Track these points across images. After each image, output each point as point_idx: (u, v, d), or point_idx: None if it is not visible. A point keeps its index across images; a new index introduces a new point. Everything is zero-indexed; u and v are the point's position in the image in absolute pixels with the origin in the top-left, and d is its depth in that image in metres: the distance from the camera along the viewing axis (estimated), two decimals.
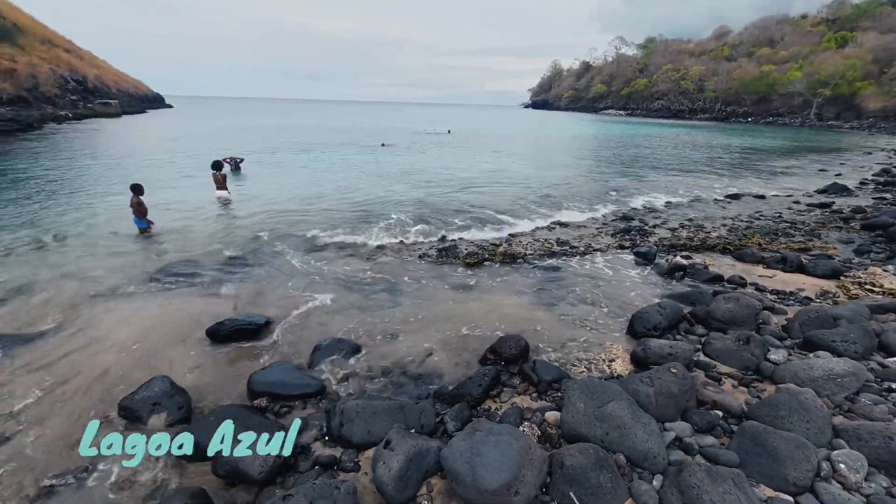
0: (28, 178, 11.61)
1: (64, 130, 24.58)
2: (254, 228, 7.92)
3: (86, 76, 41.66)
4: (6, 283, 5.37)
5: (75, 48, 46.70)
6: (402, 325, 4.67)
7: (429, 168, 16.17)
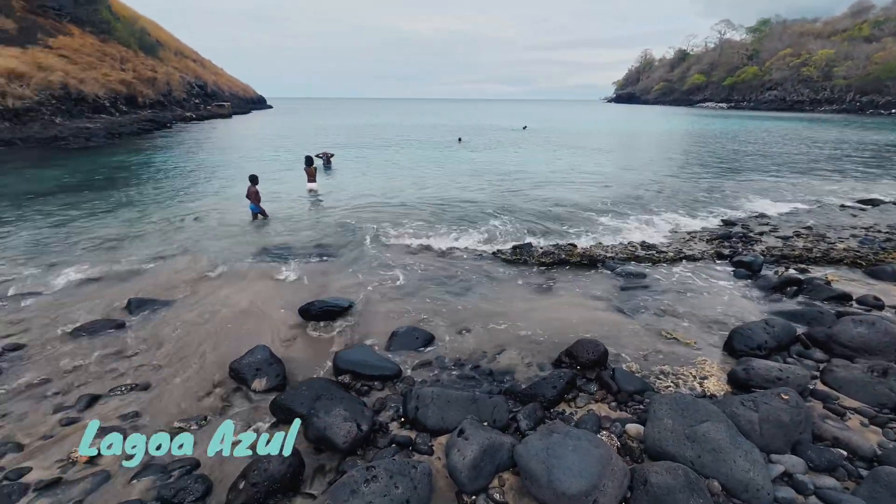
0: (163, 169, 13.78)
1: (188, 129, 28.67)
2: (339, 219, 8.53)
3: (206, 82, 48.11)
4: (147, 256, 6.45)
5: (200, 58, 54.10)
6: (474, 321, 4.71)
7: (504, 164, 16.01)
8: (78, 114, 23.18)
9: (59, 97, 22.52)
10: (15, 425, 3.11)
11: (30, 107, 20.75)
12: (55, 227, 7.58)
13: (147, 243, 7.01)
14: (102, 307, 4.85)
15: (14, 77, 20.71)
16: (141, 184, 11.63)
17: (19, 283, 5.44)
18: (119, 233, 7.44)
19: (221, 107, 44.74)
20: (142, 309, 4.80)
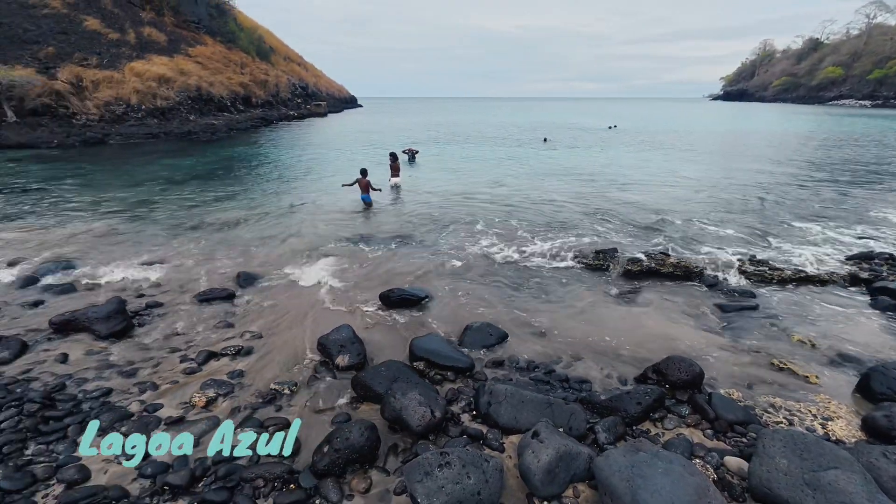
0: (272, 161, 15.48)
1: (290, 126, 31.79)
2: (420, 213, 8.81)
3: (308, 84, 52.87)
4: (256, 237, 7.28)
5: (303, 61, 59.60)
6: (550, 324, 4.56)
7: (588, 165, 15.22)
8: (206, 112, 26.99)
9: (194, 98, 26.43)
10: (152, 369, 3.73)
11: (172, 106, 24.67)
12: (188, 209, 8.91)
13: (257, 226, 7.91)
14: (219, 278, 5.59)
15: (163, 81, 24.78)
16: (255, 173, 13.18)
17: (161, 252, 6.50)
18: (235, 215, 8.50)
19: (318, 106, 48.83)
20: (249, 282, 5.44)
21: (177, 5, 32.44)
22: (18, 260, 5.92)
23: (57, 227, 7.56)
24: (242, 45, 37.81)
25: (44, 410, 3.05)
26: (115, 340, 4.12)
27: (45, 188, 10.52)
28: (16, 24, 22.24)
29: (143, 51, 26.08)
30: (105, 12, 26.66)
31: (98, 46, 24.12)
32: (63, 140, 18.19)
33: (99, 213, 8.47)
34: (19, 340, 3.95)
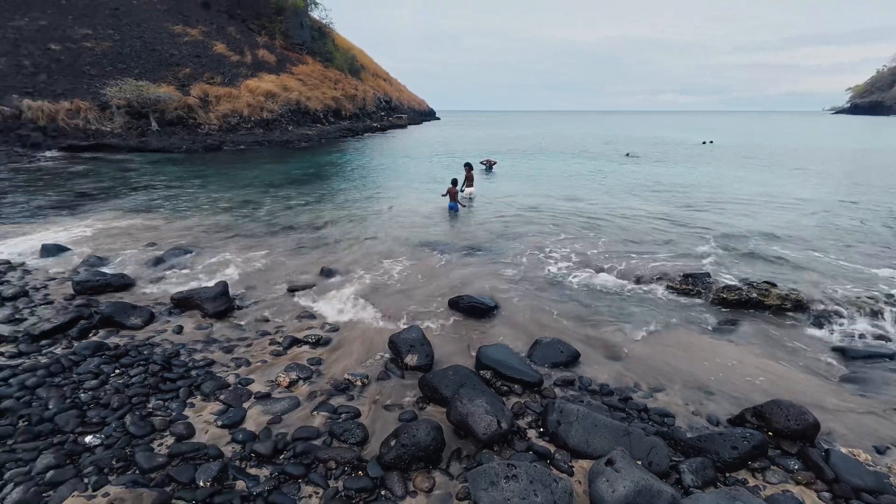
0: (359, 167, 16.64)
1: (374, 137, 33.91)
2: (493, 224, 8.81)
3: (391, 97, 56.13)
4: (341, 235, 7.84)
5: (389, 77, 63.46)
6: (627, 348, 4.24)
7: (677, 181, 14.04)
8: (303, 123, 29.91)
9: (293, 110, 29.47)
10: (246, 347, 4.17)
11: (275, 118, 27.75)
12: (283, 209, 9.90)
13: (341, 227, 8.51)
14: (305, 272, 6.11)
15: (270, 96, 28.03)
16: (341, 178, 14.28)
17: (260, 246, 7.29)
18: (323, 216, 9.25)
19: (400, 118, 51.55)
20: (331, 276, 5.86)
21: (286, 30, 36.60)
22: (152, 244, 7.03)
23: (182, 218, 8.86)
24: (337, 63, 41.37)
25: (163, 372, 3.56)
26: (218, 319, 4.68)
27: (175, 185, 12.42)
28: (164, 50, 26.79)
29: (257, 70, 29.77)
30: (230, 38, 31.01)
31: (223, 67, 28.07)
32: (189, 146, 21.37)
33: (214, 209, 9.76)
34: (148, 311, 4.67)
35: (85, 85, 22.23)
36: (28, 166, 15.18)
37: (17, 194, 10.65)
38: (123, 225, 8.21)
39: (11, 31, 23.55)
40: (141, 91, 21.91)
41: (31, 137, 18.91)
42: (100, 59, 24.23)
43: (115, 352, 3.85)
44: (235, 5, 34.61)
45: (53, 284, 5.40)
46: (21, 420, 2.85)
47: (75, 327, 4.22)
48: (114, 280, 5.38)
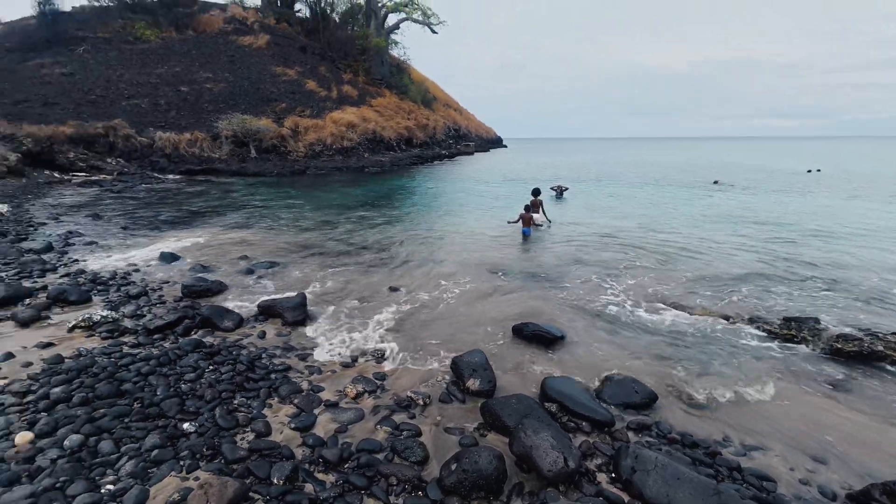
0: (428, 192, 17.33)
1: (442, 164, 35.16)
2: (562, 251, 8.56)
3: (460, 126, 58.12)
4: (412, 259, 8.14)
5: (458, 106, 65.97)
6: (715, 395, 3.80)
7: (776, 212, 12.58)
8: (377, 150, 32.06)
9: (370, 139, 31.76)
10: (317, 358, 4.43)
11: (353, 146, 30.10)
12: (358, 230, 10.57)
13: (410, 248, 8.84)
14: (374, 288, 6.40)
15: (350, 127, 30.58)
16: (411, 202, 14.96)
17: (336, 263, 7.81)
18: (394, 238, 9.71)
19: (467, 146, 53.00)
20: (398, 295, 6.07)
21: (368, 68, 40.07)
22: (245, 256, 7.87)
23: (270, 235, 9.84)
24: (412, 95, 44.09)
25: (248, 372, 3.91)
26: (296, 327, 5.05)
27: (266, 205, 13.89)
28: (266, 88, 30.68)
29: (341, 103, 32.76)
30: (320, 76, 34.68)
31: (312, 101, 31.34)
32: (280, 171, 23.89)
33: (297, 227, 10.71)
34: (239, 315, 5.18)
35: (203, 119, 26.09)
36: (155, 186, 18.02)
37: (146, 210, 12.65)
38: (224, 239, 9.32)
39: (154, 77, 28.65)
40: (245, 123, 25.20)
41: (160, 163, 22.51)
42: (216, 97, 28.40)
43: (210, 350, 4.31)
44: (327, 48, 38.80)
45: (167, 287, 6.25)
46: (136, 402, 3.29)
47: (181, 325, 4.82)
48: (213, 286, 6.09)
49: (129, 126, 23.17)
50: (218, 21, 36.22)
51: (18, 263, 6.74)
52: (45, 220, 10.42)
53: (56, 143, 19.53)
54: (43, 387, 3.42)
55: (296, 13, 42.38)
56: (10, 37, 29.69)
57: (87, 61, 28.57)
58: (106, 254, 7.81)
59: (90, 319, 4.72)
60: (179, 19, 34.04)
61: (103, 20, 32.34)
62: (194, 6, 35.87)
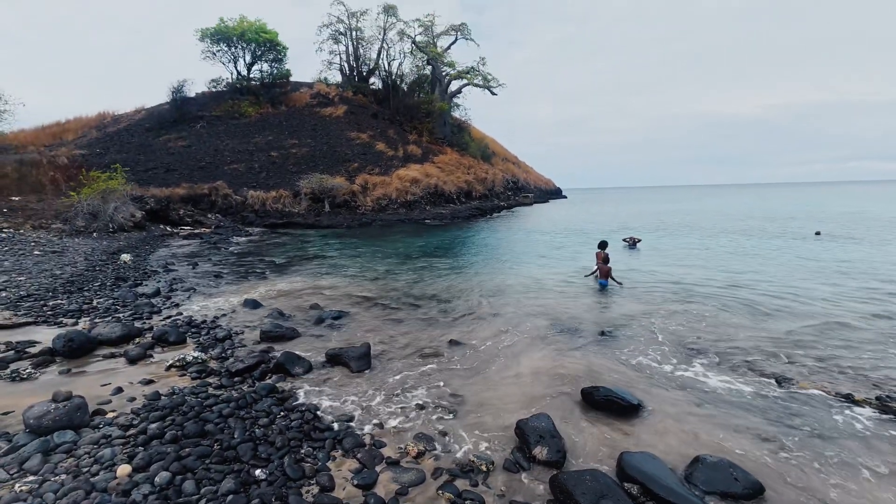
0: (487, 244, 17.54)
1: (501, 215, 35.68)
2: (636, 307, 8.00)
3: (519, 178, 59.22)
4: (472, 311, 8.13)
5: (517, 160, 67.69)
6: (837, 492, 3.14)
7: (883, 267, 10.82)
8: (438, 203, 33.52)
9: (431, 193, 33.44)
10: (381, 407, 4.43)
11: (416, 199, 31.82)
12: (420, 281, 10.86)
13: (470, 299, 8.85)
14: (435, 340, 6.41)
15: (414, 182, 32.58)
16: (472, 252, 15.20)
17: (399, 314, 8.02)
18: (453, 288, 9.82)
19: (526, 197, 53.51)
20: (458, 348, 6.01)
21: (432, 128, 43.22)
22: (316, 305, 8.38)
23: (339, 285, 10.45)
24: (472, 151, 46.31)
25: (315, 421, 4.02)
26: (360, 375, 5.16)
27: (337, 256, 14.91)
28: (342, 150, 34.15)
29: (406, 161, 35.28)
30: (388, 138, 37.98)
31: (381, 160, 34.15)
32: (350, 223, 25.78)
33: (363, 277, 11.29)
34: (308, 362, 5.44)
35: (287, 179, 29.46)
36: (243, 238, 20.29)
37: (235, 259, 14.19)
38: (298, 287, 10.07)
39: (251, 145, 33.35)
40: (322, 182, 27.98)
41: (249, 217, 25.48)
42: (299, 160, 32.12)
43: (282, 395, 4.53)
44: (395, 114, 42.77)
45: (248, 331, 6.80)
46: (216, 443, 3.50)
47: (258, 370, 5.15)
48: (287, 332, 6.51)
49: (228, 186, 26.82)
50: (305, 97, 41.93)
51: (133, 306, 7.81)
52: (157, 268, 12.09)
53: (172, 202, 23.08)
54: (143, 421, 3.79)
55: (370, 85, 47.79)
56: (149, 119, 36.76)
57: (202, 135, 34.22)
58: (201, 299, 8.78)
59: (184, 360, 5.24)
60: (275, 97, 39.97)
61: (217, 102, 38.99)
62: (287, 87, 42.06)
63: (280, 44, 40.20)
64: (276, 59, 40.91)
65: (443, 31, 45.87)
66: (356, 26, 45.76)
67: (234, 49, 39.34)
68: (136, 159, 28.75)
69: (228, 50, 39.34)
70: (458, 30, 46.02)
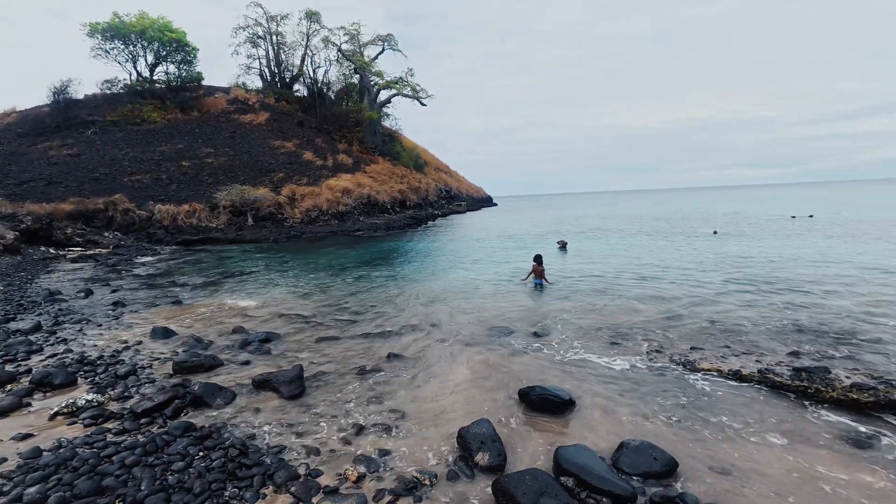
0: (421, 253, 17.54)
1: (436, 224, 36.05)
2: (565, 308, 8.49)
3: (451, 188, 60.49)
4: (409, 323, 8.03)
5: (449, 169, 69.18)
6: (736, 460, 3.60)
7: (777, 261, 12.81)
8: (372, 213, 32.95)
9: (364, 203, 32.78)
10: (317, 434, 4.17)
11: (348, 210, 30.96)
12: (354, 294, 10.51)
13: (406, 312, 8.76)
14: (372, 356, 6.22)
15: (345, 192, 31.69)
16: (406, 263, 15.07)
17: (332, 331, 7.67)
18: (390, 301, 9.65)
19: (459, 206, 54.80)
20: (397, 362, 5.89)
21: (362, 138, 42.57)
22: (240, 328, 7.71)
23: (266, 304, 9.73)
24: (404, 161, 46.40)
25: (240, 457, 3.65)
26: (292, 401, 4.82)
27: (263, 273, 13.90)
28: (265, 160, 32.15)
29: (336, 171, 34.25)
30: (317, 147, 36.61)
31: (309, 170, 32.75)
32: (276, 236, 24.25)
33: (294, 293, 10.64)
34: (232, 392, 4.96)
35: (202, 191, 26.95)
36: (150, 259, 18.08)
37: (140, 283, 12.56)
38: (220, 310, 9.19)
39: (157, 153, 30.03)
40: (243, 193, 26.04)
41: (157, 234, 22.80)
42: (216, 170, 29.61)
43: (201, 433, 4.06)
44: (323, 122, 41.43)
45: (157, 364, 6.02)
46: (118, 500, 3.02)
47: (170, 406, 4.57)
48: (206, 361, 5.88)
49: (129, 200, 23.80)
50: (221, 102, 38.93)
51: (3, 346, 6.52)
52: (37, 298, 10.26)
53: (56, 220, 19.85)
54: (17, 486, 3.15)
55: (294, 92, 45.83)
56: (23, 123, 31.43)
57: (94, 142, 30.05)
58: (97, 332, 7.61)
59: (74, 405, 4.48)
60: (185, 102, 36.55)
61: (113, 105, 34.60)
62: (200, 91, 38.73)
63: (189, 44, 37.00)
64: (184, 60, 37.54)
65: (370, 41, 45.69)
66: (276, 31, 43.75)
67: (133, 48, 35.38)
68: (6, 170, 24.39)
69: (125, 48, 35.25)
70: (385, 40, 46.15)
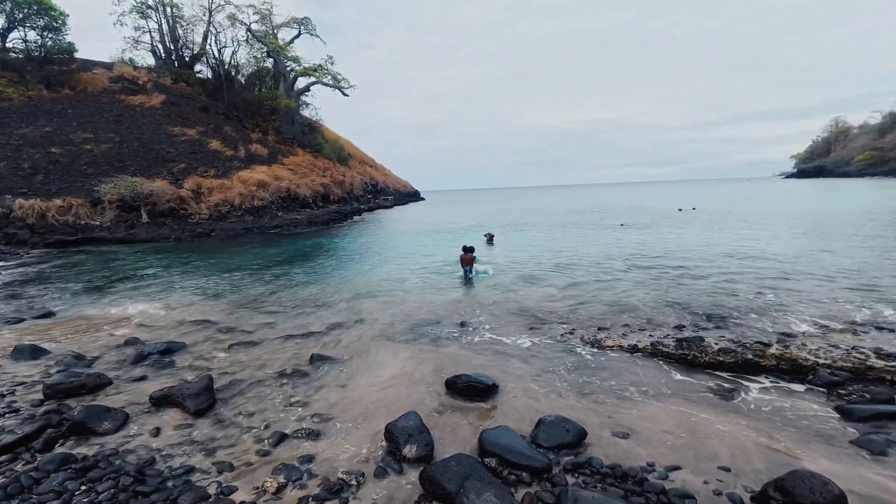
0: (346, 249, 16.93)
1: (363, 219, 35.08)
2: (488, 298, 8.84)
3: (378, 182, 59.32)
4: (329, 319, 7.72)
5: (375, 163, 67.69)
6: (633, 422, 4.09)
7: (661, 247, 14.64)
8: (292, 208, 30.97)
9: (283, 198, 30.68)
10: (230, 448, 3.85)
11: (265, 205, 28.74)
12: (273, 294, 9.81)
13: (330, 309, 8.42)
14: (294, 359, 5.90)
15: (261, 186, 29.33)
16: (329, 260, 14.44)
17: (248, 334, 7.08)
18: (311, 299, 9.18)
19: (386, 200, 53.99)
20: (321, 363, 5.66)
21: (279, 127, 39.64)
22: (134, 339, 6.77)
23: (167, 308, 8.66)
24: (326, 153, 44.27)
25: (135, 485, 3.23)
26: (200, 417, 4.37)
27: (161, 275, 12.33)
28: (162, 149, 28.42)
29: (250, 162, 31.51)
30: (225, 136, 33.28)
31: (217, 161, 29.67)
32: (179, 235, 21.65)
33: (201, 297, 9.62)
34: (124, 413, 4.35)
35: (80, 183, 22.99)
36: (11, 264, 14.99)
37: None
38: (105, 321, 7.96)
39: (15, 137, 24.87)
40: (134, 186, 22.75)
41: (18, 235, 18.95)
42: (97, 159, 25.43)
43: (83, 464, 3.50)
44: (232, 108, 37.75)
45: (21, 390, 5.05)
46: None
47: (40, 438, 3.87)
48: (89, 381, 5.07)
49: None
50: (102, 80, 33.44)
51: None
52: None
53: None
54: None
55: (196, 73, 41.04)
56: None
57: None
58: None
59: None
60: (53, 77, 30.68)
61: None
62: (72, 64, 32.78)
63: (56, 8, 31.08)
64: (49, 27, 31.44)
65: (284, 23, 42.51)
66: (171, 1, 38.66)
67: None
68: None
69: None
70: (301, 23, 43.32)
